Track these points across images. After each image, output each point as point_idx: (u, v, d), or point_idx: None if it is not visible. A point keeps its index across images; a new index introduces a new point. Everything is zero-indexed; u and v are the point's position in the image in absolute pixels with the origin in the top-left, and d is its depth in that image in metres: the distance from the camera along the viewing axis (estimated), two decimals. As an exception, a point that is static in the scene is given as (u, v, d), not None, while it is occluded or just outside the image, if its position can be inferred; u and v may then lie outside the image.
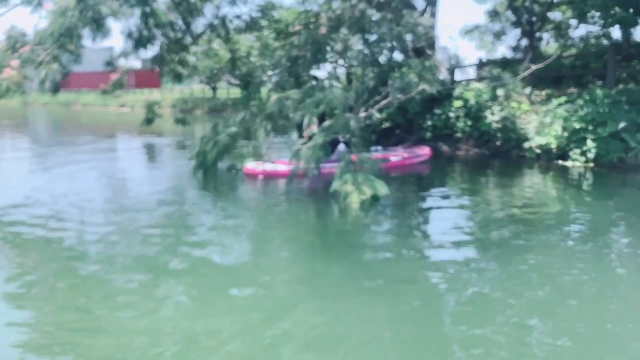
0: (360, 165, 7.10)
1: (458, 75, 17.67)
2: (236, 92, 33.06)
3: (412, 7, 13.04)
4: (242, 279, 5.17)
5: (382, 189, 7.04)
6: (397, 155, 11.49)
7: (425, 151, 11.97)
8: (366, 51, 10.31)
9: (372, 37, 10.19)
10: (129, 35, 10.40)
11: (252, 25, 17.15)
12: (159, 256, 5.74)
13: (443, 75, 10.16)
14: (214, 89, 33.21)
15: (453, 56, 12.74)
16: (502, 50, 26.90)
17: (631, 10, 10.80)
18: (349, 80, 10.98)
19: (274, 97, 9.31)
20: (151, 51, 13.71)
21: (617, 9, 10.41)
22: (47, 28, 8.42)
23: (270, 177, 9.97)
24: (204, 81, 31.65)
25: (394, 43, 9.94)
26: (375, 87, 10.01)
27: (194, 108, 31.47)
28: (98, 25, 9.04)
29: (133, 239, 6.47)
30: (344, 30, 9.84)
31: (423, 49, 11.07)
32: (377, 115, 9.52)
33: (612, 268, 5.60)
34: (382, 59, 10.36)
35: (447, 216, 7.92)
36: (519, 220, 7.43)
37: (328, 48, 9.77)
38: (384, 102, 8.99)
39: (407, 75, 8.48)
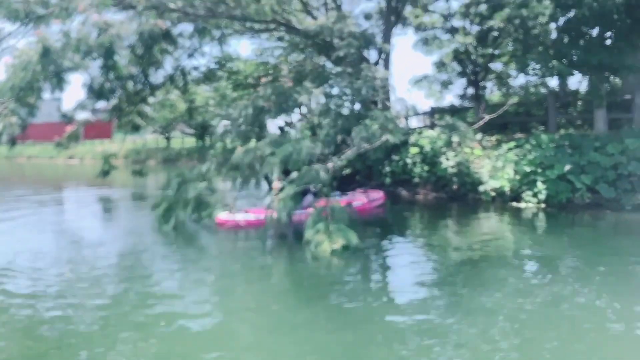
0: (331, 214, 7.23)
1: (413, 123, 18.51)
2: (191, 142, 32.99)
3: (367, 61, 13.70)
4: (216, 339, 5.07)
5: (353, 238, 7.21)
6: (358, 200, 11.78)
7: (379, 195, 12.45)
8: (330, 104, 10.68)
9: (334, 90, 10.62)
10: (90, 88, 10.32)
11: (209, 77, 17.42)
12: (129, 313, 5.54)
13: (402, 124, 10.63)
14: (168, 138, 32.99)
15: (410, 106, 13.30)
16: (450, 99, 28.40)
17: (564, 61, 11.75)
18: (313, 131, 11.26)
19: (240, 148, 9.40)
20: (107, 103, 13.68)
21: (554, 61, 11.34)
22: (6, 81, 8.29)
23: (241, 227, 9.86)
24: (158, 131, 31.42)
25: (354, 96, 10.37)
26: (340, 138, 10.32)
27: (147, 158, 31.01)
28: (59, 79, 8.98)
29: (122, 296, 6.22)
30: (307, 83, 10.19)
31: (380, 100, 11.57)
32: (339, 163, 9.76)
33: (564, 298, 5.91)
34: (345, 110, 10.72)
35: (409, 258, 8.07)
36: (477, 258, 7.76)
37: (292, 100, 10.03)
38: (349, 152, 9.27)
39: (370, 126, 8.82)
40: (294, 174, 8.33)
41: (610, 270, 6.91)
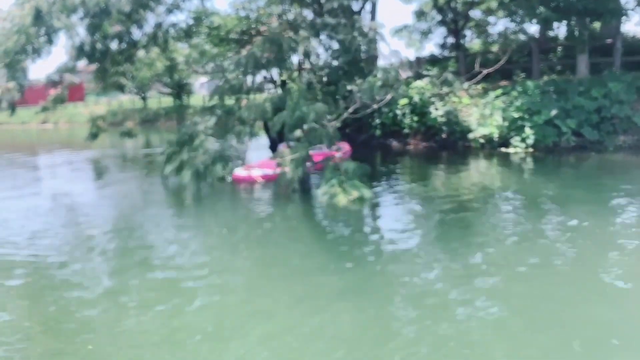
0: (345, 172, 7.40)
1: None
2: (168, 101, 32.34)
3: (354, 12, 13.59)
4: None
5: (367, 192, 7.41)
6: (339, 152, 11.95)
7: (345, 148, 12.36)
8: (328, 56, 10.66)
9: (331, 42, 10.56)
10: (81, 49, 10.06)
11: (189, 33, 16.99)
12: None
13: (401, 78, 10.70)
14: (145, 99, 32.24)
15: (405, 58, 13.36)
16: (430, 48, 28.38)
17: (550, 6, 11.89)
18: (309, 86, 11.22)
19: (245, 101, 9.44)
20: (87, 65, 13.35)
21: (541, 7, 11.50)
22: (-2, 46, 8.06)
23: (257, 182, 10.05)
24: (134, 92, 30.64)
25: (350, 47, 10.34)
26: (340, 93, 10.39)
27: (124, 120, 30.33)
28: (50, 41, 8.77)
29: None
30: (303, 33, 10.06)
31: (372, 51, 11.61)
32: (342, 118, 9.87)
33: (548, 233, 6.42)
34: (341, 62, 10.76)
35: (405, 206, 8.52)
36: (469, 201, 8.25)
37: (290, 50, 9.95)
38: (350, 109, 9.36)
39: (374, 83, 8.87)
40: (298, 132, 8.40)
41: (592, 204, 7.49)
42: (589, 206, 7.45)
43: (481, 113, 13.08)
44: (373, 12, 14.98)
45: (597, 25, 15.45)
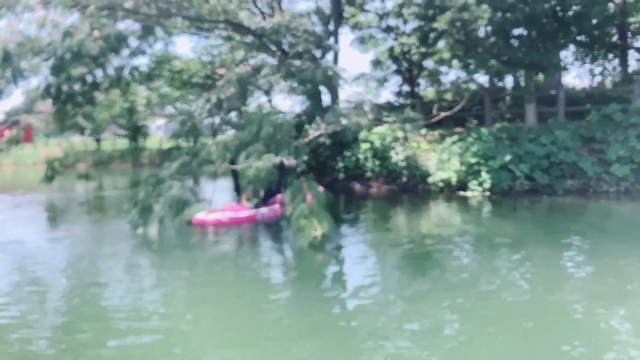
0: (313, 197, 7.57)
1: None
2: (122, 144, 31.83)
3: (316, 59, 14.16)
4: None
5: (329, 223, 7.57)
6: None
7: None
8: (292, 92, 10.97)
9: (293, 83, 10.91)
10: (47, 90, 9.92)
11: (151, 76, 17.09)
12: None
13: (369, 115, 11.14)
14: (98, 140, 31.59)
15: (367, 100, 13.90)
16: (387, 95, 29.49)
17: (501, 59, 12.81)
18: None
19: (211, 141, 9.52)
20: (45, 106, 13.15)
21: (493, 61, 12.37)
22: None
23: (218, 225, 9.92)
24: (87, 133, 29.98)
25: (313, 87, 10.74)
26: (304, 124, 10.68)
27: (76, 162, 29.52)
28: (15, 82, 8.64)
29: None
30: (266, 70, 10.38)
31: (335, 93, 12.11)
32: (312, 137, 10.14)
33: (504, 269, 6.81)
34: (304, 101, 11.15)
35: (363, 247, 8.67)
36: (429, 241, 8.57)
37: (254, 85, 10.24)
38: (322, 129, 9.62)
39: (339, 110, 9.26)
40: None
41: (543, 242, 8.04)
42: (540, 243, 8.02)
43: (439, 158, 13.66)
44: (335, 60, 15.59)
45: (540, 77, 16.73)
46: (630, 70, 17.54)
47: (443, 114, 11.41)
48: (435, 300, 5.53)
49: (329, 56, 16.02)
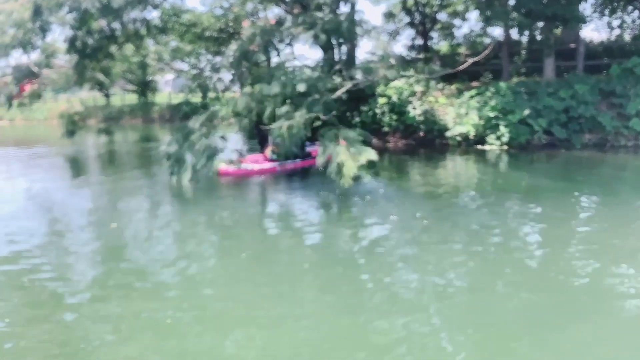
0: (346, 140, 7.77)
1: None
2: (131, 99, 31.74)
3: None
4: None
5: (374, 155, 7.72)
6: None
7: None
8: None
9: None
10: (72, 43, 9.95)
11: (164, 29, 16.91)
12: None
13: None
14: (107, 96, 31.47)
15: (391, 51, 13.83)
16: (398, 49, 29.10)
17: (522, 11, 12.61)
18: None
19: (238, 94, 9.62)
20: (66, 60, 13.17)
21: (515, 13, 12.21)
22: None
23: (243, 176, 10.29)
24: (97, 88, 29.83)
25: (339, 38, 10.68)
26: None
27: (86, 117, 29.51)
28: (44, 35, 8.69)
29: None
30: (289, 22, 10.32)
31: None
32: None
33: (518, 221, 7.07)
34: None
35: (387, 196, 8.94)
36: (447, 192, 8.91)
37: (277, 38, 10.22)
38: (347, 86, 9.71)
39: (367, 64, 9.32)
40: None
41: (557, 197, 8.21)
42: (555, 195, 8.31)
43: (457, 112, 13.71)
44: (352, 12, 15.36)
45: (557, 30, 16.47)
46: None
47: (468, 62, 11.20)
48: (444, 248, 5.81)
49: (345, 8, 15.79)
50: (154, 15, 23.78)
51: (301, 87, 8.63)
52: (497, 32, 19.20)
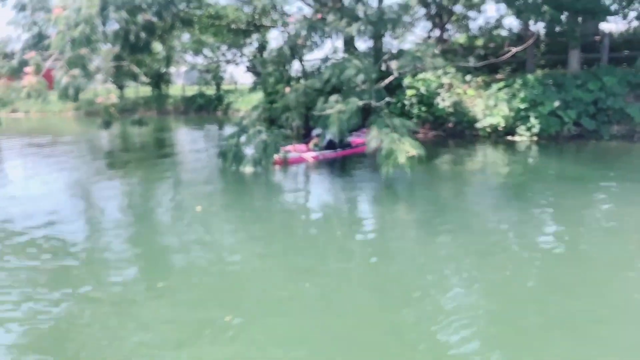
0: (394, 129, 8.15)
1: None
2: (146, 91, 31.90)
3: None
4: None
5: (421, 149, 8.10)
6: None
7: None
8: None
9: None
10: (126, 38, 10.24)
11: (190, 22, 17.18)
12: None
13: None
14: (121, 87, 31.60)
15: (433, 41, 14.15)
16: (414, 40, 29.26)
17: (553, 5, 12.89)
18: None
19: (288, 88, 9.96)
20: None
21: (545, 6, 12.51)
22: (62, 35, 8.19)
23: (295, 163, 10.74)
24: (111, 81, 29.97)
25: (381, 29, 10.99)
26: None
27: (123, 109, 29.82)
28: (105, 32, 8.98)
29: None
30: (331, 16, 10.61)
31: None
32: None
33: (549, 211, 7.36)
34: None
35: (426, 185, 9.28)
36: (481, 181, 9.45)
37: (322, 34, 10.50)
38: (395, 74, 10.10)
39: (412, 53, 9.64)
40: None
41: (586, 182, 8.78)
42: (583, 183, 8.78)
43: (486, 104, 14.05)
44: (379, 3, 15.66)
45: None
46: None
47: (512, 52, 11.41)
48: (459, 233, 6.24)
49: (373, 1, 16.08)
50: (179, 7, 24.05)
51: (350, 73, 8.94)
52: (514, 24, 19.47)
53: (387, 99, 9.51)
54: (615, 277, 4.89)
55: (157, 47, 19.42)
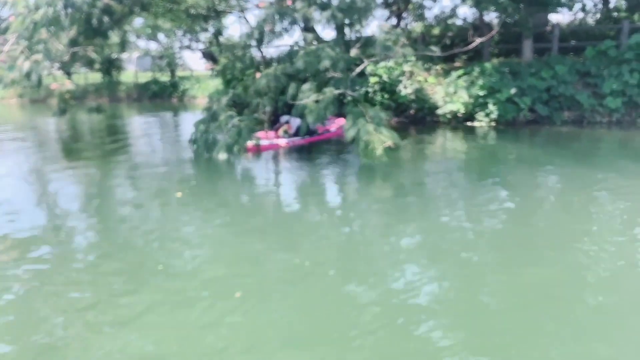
0: (372, 118, 8.33)
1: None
2: (95, 78, 30.69)
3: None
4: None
5: (397, 138, 8.33)
6: (334, 126, 13.19)
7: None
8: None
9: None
10: (88, 23, 9.88)
11: (147, 6, 16.72)
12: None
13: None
14: (69, 74, 30.21)
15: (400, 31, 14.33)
16: (374, 29, 29.55)
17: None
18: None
19: (259, 74, 9.93)
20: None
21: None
22: (22, 19, 7.84)
23: (268, 149, 10.73)
24: (59, 67, 28.63)
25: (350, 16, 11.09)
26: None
27: (47, 97, 28.38)
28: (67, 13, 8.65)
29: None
30: (301, 3, 10.60)
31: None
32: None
33: (503, 192, 7.82)
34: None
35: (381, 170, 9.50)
36: (442, 164, 9.87)
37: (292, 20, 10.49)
38: (366, 63, 10.25)
39: (382, 42, 9.78)
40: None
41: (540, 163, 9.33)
42: (538, 165, 9.32)
43: (446, 91, 14.50)
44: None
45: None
46: (611, 7, 18.69)
47: (479, 40, 11.81)
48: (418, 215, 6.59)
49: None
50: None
51: (326, 63, 9.04)
52: (468, 13, 20.04)
53: (364, 88, 9.65)
54: (563, 249, 5.29)
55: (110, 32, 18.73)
